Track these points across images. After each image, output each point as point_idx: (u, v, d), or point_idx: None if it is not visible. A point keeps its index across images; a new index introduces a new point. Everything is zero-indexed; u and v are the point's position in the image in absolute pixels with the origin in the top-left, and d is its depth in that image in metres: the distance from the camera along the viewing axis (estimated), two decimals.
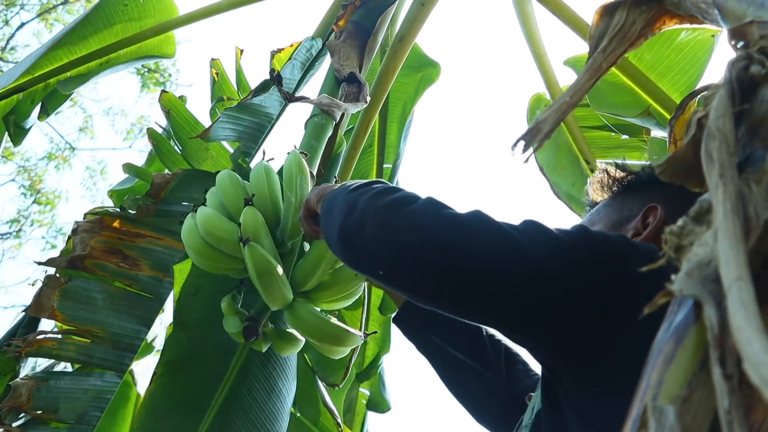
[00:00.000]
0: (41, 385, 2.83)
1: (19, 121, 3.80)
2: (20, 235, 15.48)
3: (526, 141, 1.27)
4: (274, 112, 3.17)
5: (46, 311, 2.86)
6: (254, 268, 2.39)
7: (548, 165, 4.35)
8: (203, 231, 2.50)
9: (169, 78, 15.78)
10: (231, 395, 2.79)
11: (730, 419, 0.76)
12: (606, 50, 1.38)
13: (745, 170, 0.95)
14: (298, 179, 2.55)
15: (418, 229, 1.65)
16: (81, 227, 2.92)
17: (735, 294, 0.79)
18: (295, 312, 2.54)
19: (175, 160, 3.28)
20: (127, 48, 3.89)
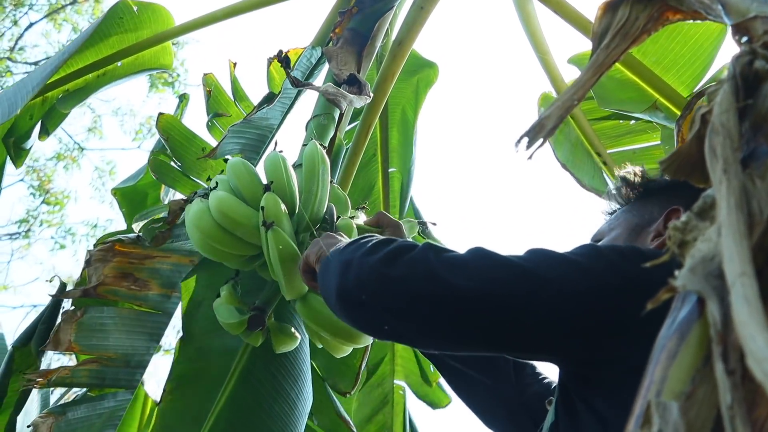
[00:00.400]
0: (60, 420, 2.84)
1: (19, 142, 3.80)
2: (29, 236, 15.50)
3: (529, 138, 1.27)
4: (275, 123, 3.17)
5: (64, 345, 2.87)
6: (278, 253, 2.33)
7: (569, 161, 4.34)
8: (218, 213, 2.43)
9: (177, 78, 15.77)
10: (232, 399, 2.77)
11: (733, 415, 0.76)
12: (609, 47, 1.38)
13: (749, 165, 0.95)
14: (321, 169, 2.52)
15: (423, 274, 1.62)
16: (94, 257, 2.92)
17: (738, 289, 0.79)
18: (309, 303, 2.49)
19: (175, 177, 3.30)
20: (124, 59, 3.88)
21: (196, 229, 2.49)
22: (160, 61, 4.08)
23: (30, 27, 15.60)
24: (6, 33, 15.54)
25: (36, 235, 15.58)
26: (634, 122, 4.12)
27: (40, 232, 15.58)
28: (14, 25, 15.58)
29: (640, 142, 4.18)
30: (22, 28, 15.61)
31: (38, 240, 15.64)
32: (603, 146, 4.25)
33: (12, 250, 15.35)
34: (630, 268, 1.53)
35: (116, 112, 16.70)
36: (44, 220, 15.59)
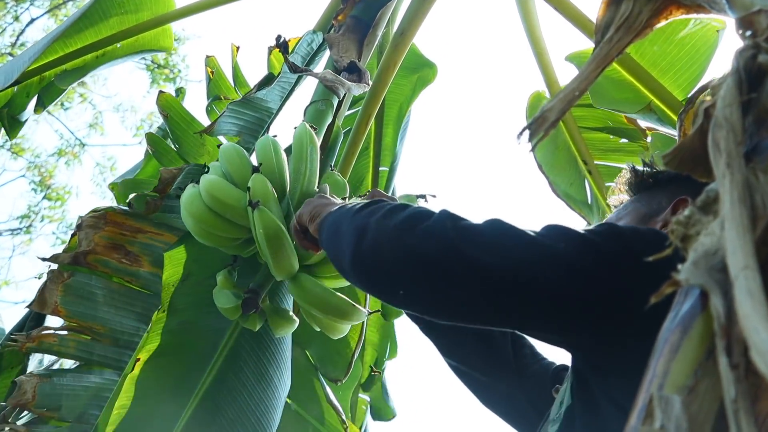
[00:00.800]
0: (45, 382, 2.82)
1: (14, 113, 3.79)
2: (30, 231, 15.47)
3: (531, 130, 1.27)
4: (274, 106, 3.17)
5: (50, 307, 2.86)
6: (264, 232, 2.35)
7: (547, 163, 4.34)
8: (208, 196, 2.46)
9: (178, 74, 15.77)
10: (218, 378, 2.77)
11: (737, 408, 0.75)
12: (612, 40, 1.38)
13: (752, 160, 0.94)
14: (309, 149, 2.53)
15: (439, 244, 1.59)
16: (85, 223, 2.92)
17: (742, 283, 0.79)
18: (300, 283, 2.52)
19: (172, 158, 3.28)
20: (124, 41, 3.89)
21: (188, 214, 2.51)
22: (160, 43, 4.09)
23: (31, 23, 15.57)
24: (7, 29, 15.51)
25: (37, 230, 15.57)
26: (624, 141, 4.12)
27: (42, 227, 15.57)
28: (15, 20, 15.54)
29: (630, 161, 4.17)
30: (23, 24, 15.57)
31: (40, 236, 15.62)
32: (591, 156, 4.25)
33: (13, 246, 15.33)
34: (648, 251, 1.53)
35: (117, 108, 16.71)
36: (45, 215, 15.58)
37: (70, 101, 15.66)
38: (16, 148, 15.16)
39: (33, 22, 15.52)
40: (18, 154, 15.40)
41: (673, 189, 1.94)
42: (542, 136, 1.26)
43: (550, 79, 4.08)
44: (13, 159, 15.53)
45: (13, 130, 3.88)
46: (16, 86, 3.70)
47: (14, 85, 3.68)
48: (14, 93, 3.73)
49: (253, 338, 2.78)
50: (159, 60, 15.44)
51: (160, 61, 15.54)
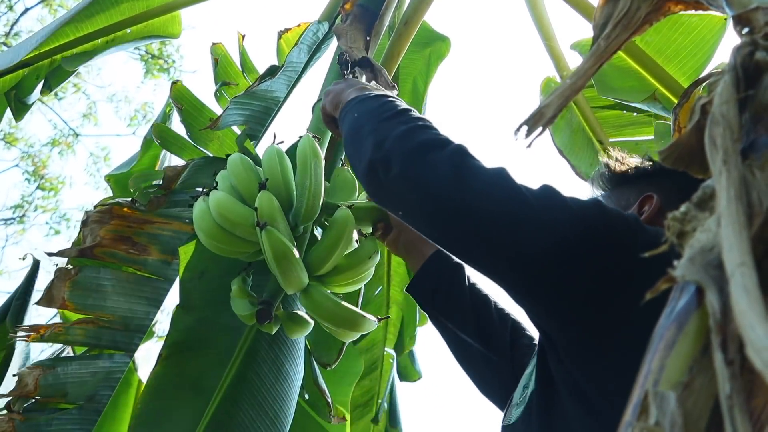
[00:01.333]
0: (48, 373, 2.82)
1: (21, 96, 3.81)
2: (24, 221, 15.54)
3: (528, 126, 1.27)
4: (281, 96, 3.17)
5: (57, 302, 2.86)
6: (272, 253, 2.37)
7: (566, 147, 4.35)
8: (217, 215, 2.48)
9: (172, 64, 15.80)
10: (238, 377, 2.79)
11: (731, 404, 0.76)
12: (610, 36, 1.38)
13: (749, 156, 0.95)
14: (312, 163, 2.53)
15: (441, 179, 1.68)
16: (91, 218, 2.92)
17: (738, 279, 0.79)
18: (311, 296, 2.53)
19: (182, 145, 3.28)
20: (134, 27, 3.90)
21: (199, 231, 2.54)
22: (169, 30, 4.09)
23: (25, 12, 15.60)
24: (1, 18, 15.53)
25: (31, 220, 15.64)
26: (637, 114, 4.13)
27: (35, 217, 15.65)
28: (9, 10, 15.58)
29: (643, 134, 4.19)
30: (17, 14, 15.59)
31: (33, 225, 15.70)
32: (605, 134, 4.25)
33: (6, 236, 15.41)
34: (628, 234, 1.57)
35: (111, 99, 16.75)
36: (39, 205, 15.66)
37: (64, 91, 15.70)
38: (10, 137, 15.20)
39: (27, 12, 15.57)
40: (11, 143, 15.44)
41: (642, 186, 1.99)
42: (540, 132, 1.27)
43: (560, 64, 4.07)
44: (6, 149, 15.60)
45: (20, 113, 3.89)
46: (27, 69, 3.72)
47: (24, 68, 3.70)
48: (24, 76, 3.75)
49: (269, 334, 2.79)
50: (153, 50, 15.45)
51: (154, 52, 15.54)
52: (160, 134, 3.30)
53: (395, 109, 1.98)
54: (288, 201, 2.56)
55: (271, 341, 2.86)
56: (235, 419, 2.75)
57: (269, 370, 2.83)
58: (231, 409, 2.76)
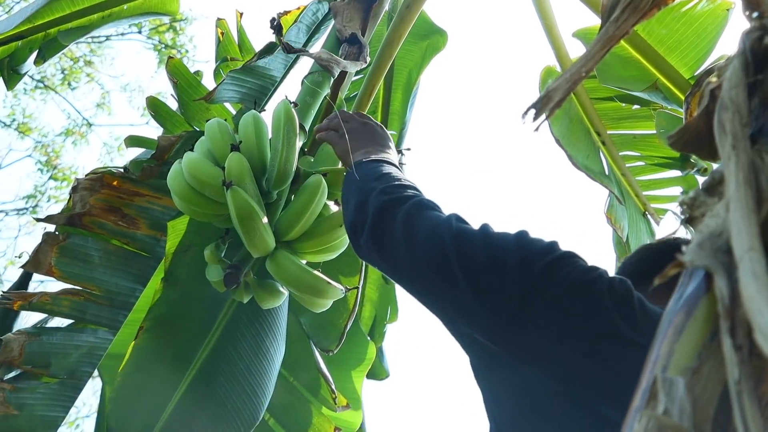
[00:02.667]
0: (33, 340, 2.82)
1: (14, 64, 3.78)
2: (36, 211, 15.50)
3: (536, 109, 1.26)
4: (278, 75, 3.16)
5: (44, 268, 2.86)
6: (236, 212, 2.39)
7: (563, 137, 4.34)
8: (188, 175, 2.50)
9: (186, 54, 15.76)
10: (216, 350, 2.81)
11: (740, 390, 0.75)
12: (618, 20, 1.37)
13: (758, 141, 0.94)
14: (286, 128, 2.54)
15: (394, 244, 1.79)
16: (81, 185, 2.92)
17: (746, 264, 0.79)
18: (276, 260, 2.55)
19: (176, 122, 3.27)
20: (130, 2, 3.87)
21: (172, 191, 2.56)
22: (166, 7, 4.07)
23: None
24: None
25: (43, 210, 15.59)
26: (636, 107, 4.13)
27: (48, 207, 15.59)
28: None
29: (641, 128, 4.20)
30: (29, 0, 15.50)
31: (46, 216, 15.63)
32: (603, 126, 4.25)
33: (19, 226, 15.37)
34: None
35: (125, 88, 16.70)
36: (52, 195, 15.59)
37: (77, 81, 15.66)
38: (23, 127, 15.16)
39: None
40: (25, 133, 15.40)
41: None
42: (548, 115, 1.26)
43: (560, 53, 4.06)
44: (20, 138, 15.56)
45: (12, 82, 3.86)
46: (21, 41, 3.70)
47: (19, 40, 3.67)
48: (18, 47, 3.72)
49: (250, 310, 2.82)
50: (166, 40, 15.41)
51: (167, 41, 15.51)
52: (153, 107, 3.29)
53: (386, 181, 2.01)
54: (261, 166, 2.57)
55: (252, 317, 2.87)
56: (211, 391, 2.77)
57: (248, 345, 2.85)
58: (207, 381, 2.79)
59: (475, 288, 1.56)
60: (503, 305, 1.51)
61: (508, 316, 1.50)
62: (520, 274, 1.51)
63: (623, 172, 4.35)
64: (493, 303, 1.53)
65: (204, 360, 2.79)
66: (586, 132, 4.32)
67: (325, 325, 3.20)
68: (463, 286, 1.57)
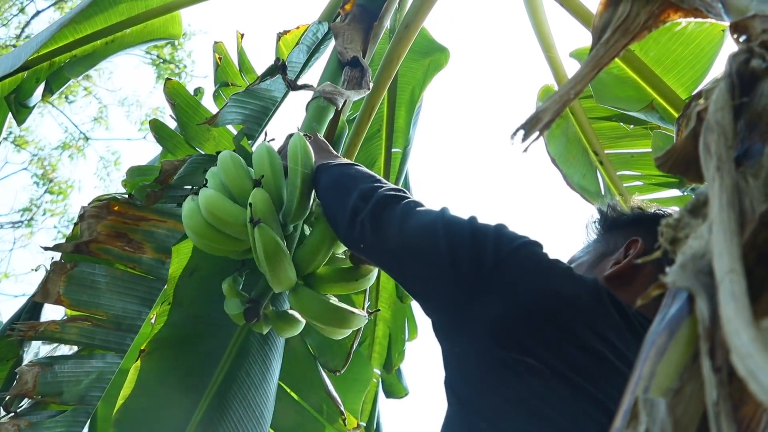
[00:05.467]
0: (46, 371, 2.83)
1: (21, 99, 3.79)
2: (32, 224, 15.45)
3: (525, 130, 1.27)
4: (279, 95, 3.17)
5: (53, 297, 2.87)
6: (263, 250, 2.37)
7: (560, 156, 4.35)
8: (207, 213, 2.48)
9: (184, 69, 15.73)
10: (229, 376, 2.80)
11: (718, 411, 0.76)
12: (609, 42, 1.38)
13: (743, 164, 0.95)
14: (303, 161, 2.53)
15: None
16: (88, 213, 2.93)
17: (726, 286, 0.79)
18: (299, 295, 2.53)
19: (177, 143, 3.28)
20: (133, 27, 3.88)
21: (188, 229, 2.54)
22: (169, 31, 4.07)
23: (37, 15, 15.52)
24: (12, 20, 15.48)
25: (39, 224, 15.56)
26: (633, 126, 4.13)
27: (43, 221, 15.55)
28: (21, 12, 15.51)
29: (639, 147, 4.20)
30: (28, 16, 15.54)
31: (41, 229, 15.60)
32: (601, 146, 4.26)
33: (14, 239, 15.33)
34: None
35: (122, 103, 16.69)
36: (47, 209, 15.56)
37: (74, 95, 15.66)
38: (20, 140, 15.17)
39: (38, 15, 15.50)
40: (21, 146, 15.40)
41: (630, 230, 2.09)
42: (538, 136, 1.26)
43: (558, 73, 4.07)
44: (16, 151, 15.54)
45: (21, 116, 3.88)
46: (26, 72, 3.71)
47: (24, 71, 3.68)
48: (24, 78, 3.73)
49: (260, 334, 2.81)
50: (165, 55, 15.43)
51: (165, 56, 15.53)
52: (156, 129, 3.30)
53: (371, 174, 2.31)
54: (278, 199, 2.55)
55: (262, 341, 2.88)
56: (226, 417, 2.77)
57: (259, 369, 2.85)
58: (222, 407, 2.78)
59: (453, 260, 1.77)
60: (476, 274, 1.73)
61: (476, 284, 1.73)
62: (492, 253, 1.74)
63: (621, 191, 4.35)
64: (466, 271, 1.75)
65: (218, 386, 2.79)
66: (583, 151, 4.33)
67: (332, 345, 3.20)
68: (444, 255, 1.79)
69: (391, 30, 3.90)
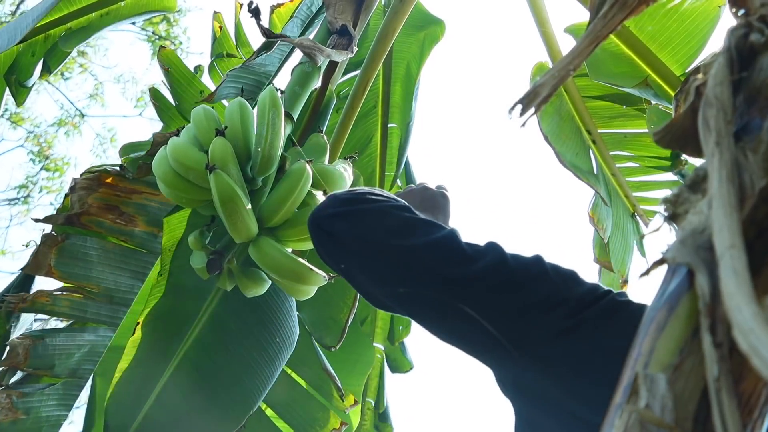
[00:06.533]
0: (37, 344, 2.84)
1: (21, 79, 3.78)
2: (28, 201, 15.41)
3: (523, 105, 1.26)
4: (273, 69, 3.17)
5: (44, 269, 2.87)
6: (218, 195, 2.40)
7: (552, 134, 4.33)
8: (172, 160, 2.51)
9: (179, 45, 15.63)
10: (198, 339, 2.82)
11: (719, 387, 0.76)
12: (607, 16, 1.37)
13: (742, 138, 0.94)
14: (270, 114, 2.55)
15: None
16: (78, 184, 2.92)
17: (727, 261, 0.79)
18: (258, 246, 2.55)
19: (173, 115, 3.28)
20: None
21: (157, 177, 2.57)
22: (164, 3, 4.07)
23: None
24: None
25: (35, 201, 15.52)
26: (626, 106, 4.13)
27: (39, 198, 15.51)
28: None
29: (632, 127, 4.21)
30: None
31: (37, 206, 15.56)
32: (594, 125, 4.26)
33: (11, 216, 15.29)
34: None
35: (118, 79, 16.59)
36: (44, 186, 15.52)
37: (70, 71, 15.57)
38: (16, 117, 15.09)
39: None
40: (17, 123, 15.34)
41: None
42: (535, 111, 1.26)
43: (552, 49, 4.06)
44: (12, 129, 15.47)
45: (20, 96, 3.87)
46: (21, 45, 3.68)
47: (19, 43, 3.66)
48: (19, 52, 3.72)
49: (237, 299, 2.81)
50: (160, 32, 15.35)
51: (161, 33, 15.44)
52: (156, 98, 3.30)
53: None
54: (246, 152, 2.58)
55: (239, 306, 2.88)
56: (193, 381, 2.80)
57: (232, 332, 2.88)
58: (189, 370, 2.81)
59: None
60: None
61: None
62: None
63: (613, 171, 4.35)
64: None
65: (186, 350, 2.81)
66: (576, 130, 4.32)
67: (326, 320, 3.21)
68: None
69: (385, 5, 3.88)
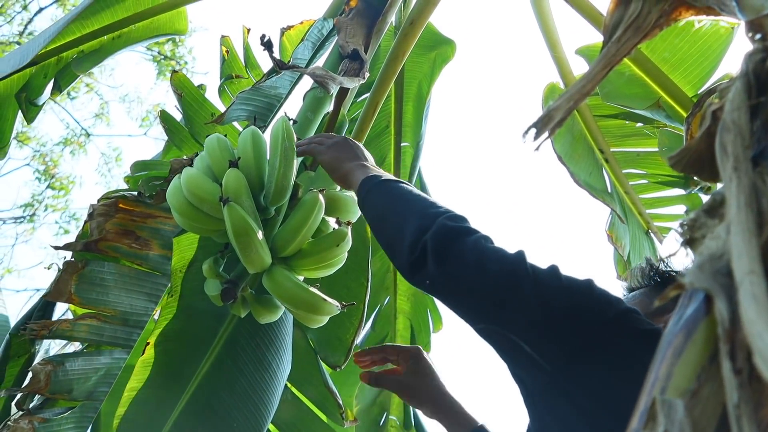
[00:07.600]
0: (58, 369, 2.85)
1: (31, 97, 3.80)
2: (34, 220, 15.52)
3: (537, 129, 1.26)
4: (284, 92, 3.17)
5: (65, 296, 2.88)
6: (232, 228, 2.39)
7: (566, 154, 4.34)
8: (186, 191, 2.50)
9: (185, 65, 15.76)
10: (216, 364, 2.83)
11: (739, 414, 0.75)
12: (620, 40, 1.37)
13: (760, 164, 0.94)
14: (283, 145, 2.55)
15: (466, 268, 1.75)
16: (96, 211, 2.94)
17: (747, 287, 0.79)
18: (272, 276, 2.53)
19: (184, 137, 3.29)
20: (139, 23, 3.88)
21: (171, 207, 2.56)
22: (175, 26, 4.07)
23: (40, 12, 15.55)
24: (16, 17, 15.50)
25: (40, 219, 15.62)
26: (640, 125, 4.13)
27: (45, 216, 15.61)
28: (24, 9, 15.54)
29: (645, 146, 4.21)
30: (31, 13, 15.57)
31: (43, 224, 15.68)
32: (607, 144, 4.26)
33: (17, 234, 15.38)
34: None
35: (123, 99, 16.72)
36: (49, 204, 15.61)
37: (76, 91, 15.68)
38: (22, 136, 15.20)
39: (41, 11, 15.51)
40: (23, 142, 15.43)
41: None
42: (548, 135, 1.26)
43: (564, 70, 4.07)
44: (18, 147, 15.58)
45: (30, 114, 3.89)
46: (34, 67, 3.71)
47: (31, 66, 3.68)
48: (32, 74, 3.74)
49: (251, 324, 2.83)
50: (165, 51, 15.46)
51: (166, 53, 15.55)
52: (165, 120, 3.32)
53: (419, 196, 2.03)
54: (259, 182, 2.57)
55: (253, 331, 2.89)
56: (212, 406, 2.79)
57: (249, 359, 2.87)
58: (208, 394, 2.80)
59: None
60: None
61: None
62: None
63: (626, 189, 4.35)
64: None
65: (204, 375, 2.81)
66: (589, 149, 4.33)
67: (332, 340, 3.20)
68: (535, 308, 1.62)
69: (396, 26, 3.90)
